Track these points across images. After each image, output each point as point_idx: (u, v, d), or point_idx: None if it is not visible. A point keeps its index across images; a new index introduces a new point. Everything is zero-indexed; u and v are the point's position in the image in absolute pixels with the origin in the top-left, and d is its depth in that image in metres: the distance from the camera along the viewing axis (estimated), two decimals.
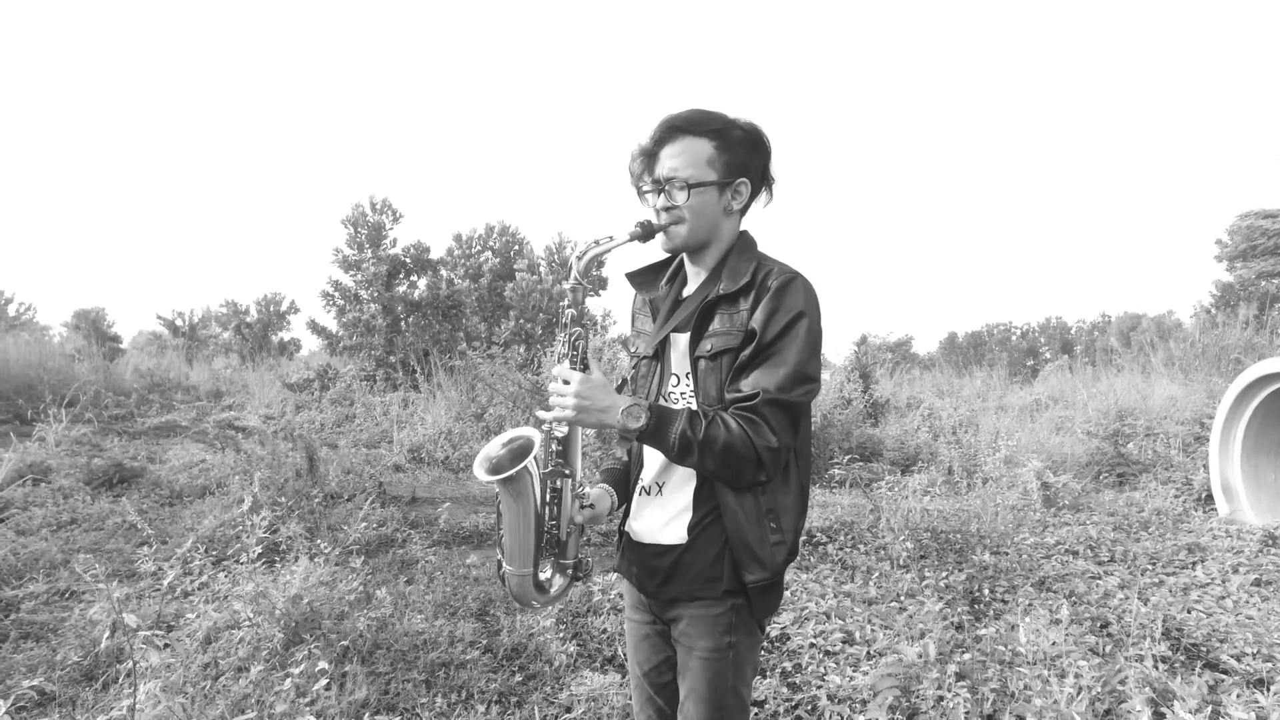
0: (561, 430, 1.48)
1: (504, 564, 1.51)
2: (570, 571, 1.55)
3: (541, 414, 1.49)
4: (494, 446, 1.54)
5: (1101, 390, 12.10)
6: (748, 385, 1.43)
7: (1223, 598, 3.96)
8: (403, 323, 16.11)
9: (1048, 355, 39.56)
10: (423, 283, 16.75)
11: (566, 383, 1.44)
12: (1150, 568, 4.58)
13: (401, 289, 16.62)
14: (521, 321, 13.25)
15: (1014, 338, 43.36)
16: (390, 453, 9.15)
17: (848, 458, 7.03)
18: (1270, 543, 4.98)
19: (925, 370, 21.58)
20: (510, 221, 18.91)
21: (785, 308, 1.43)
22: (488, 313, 17.20)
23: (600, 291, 17.23)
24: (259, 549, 3.17)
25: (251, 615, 2.76)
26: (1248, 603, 3.85)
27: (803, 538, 4.71)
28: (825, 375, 14.16)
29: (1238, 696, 2.35)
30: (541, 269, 16.26)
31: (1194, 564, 4.64)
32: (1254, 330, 13.92)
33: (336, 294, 16.35)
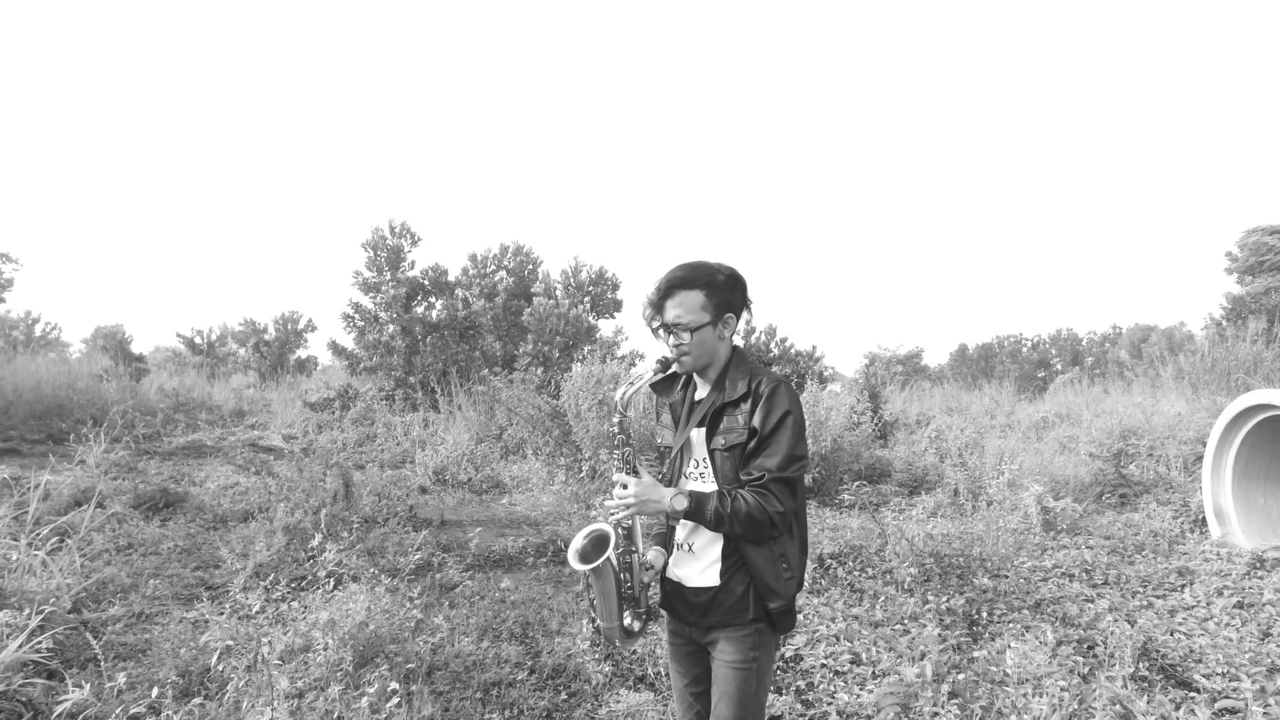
0: (628, 522, 1.98)
1: (597, 619, 2.00)
2: (644, 616, 2.04)
3: (613, 514, 1.96)
4: (579, 540, 2.03)
5: (1107, 409, 12.35)
6: (756, 469, 1.91)
7: (1206, 620, 4.26)
8: (421, 344, 16.53)
9: (1058, 367, 39.65)
10: (440, 304, 17.18)
11: (625, 486, 1.94)
12: (1141, 591, 4.88)
13: (420, 310, 17.06)
14: (539, 344, 13.65)
15: (1025, 349, 43.36)
16: (414, 474, 9.51)
17: (856, 483, 7.33)
18: (1258, 565, 5.26)
19: (935, 384, 21.87)
20: (524, 241, 19.41)
21: (776, 408, 1.92)
22: (503, 332, 17.61)
23: (615, 314, 17.65)
24: (331, 582, 3.52)
25: (329, 641, 3.11)
26: (1228, 625, 4.15)
27: (814, 564, 5.03)
28: (837, 388, 14.54)
29: (1185, 709, 2.66)
30: (558, 293, 16.66)
31: (1183, 587, 4.94)
32: (1263, 344, 14.11)
33: (356, 316, 16.79)
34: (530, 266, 19.03)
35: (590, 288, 17.78)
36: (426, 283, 17.06)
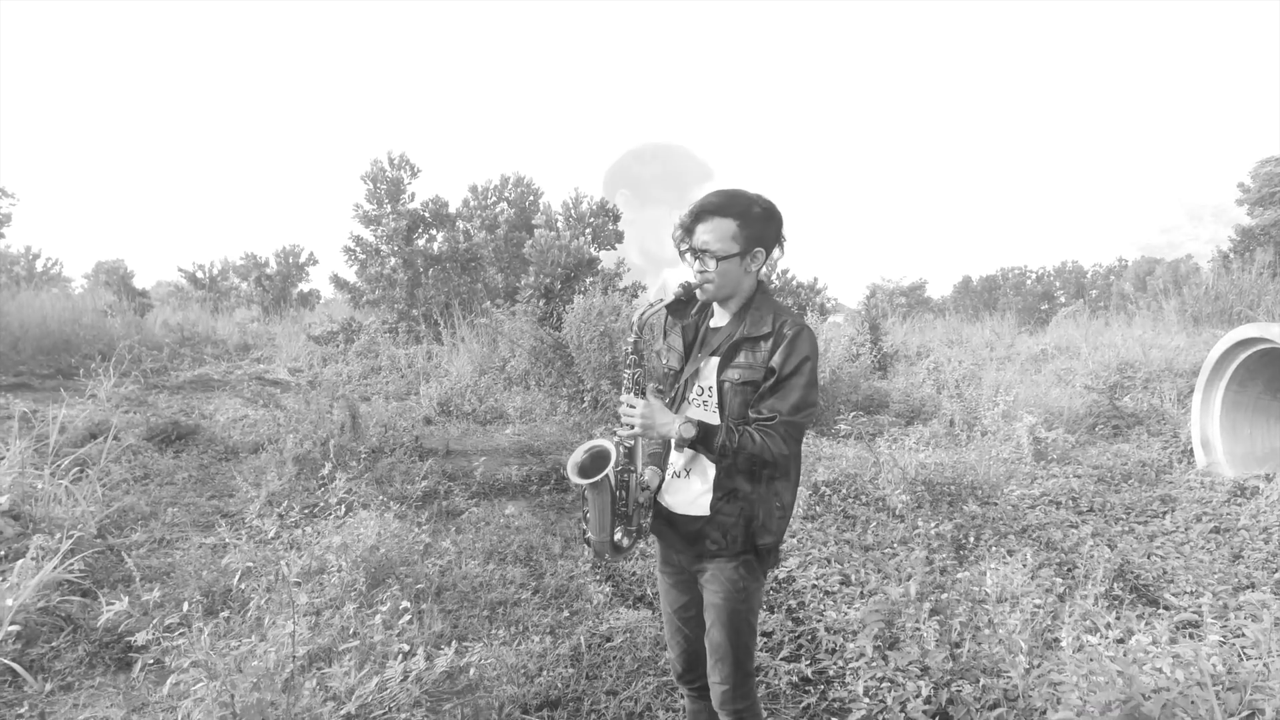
0: (630, 442, 2.00)
1: (589, 532, 2.04)
2: (635, 534, 2.07)
3: (619, 431, 1.98)
4: (579, 454, 2.04)
5: (1106, 342, 12.41)
6: (767, 409, 1.92)
7: (1183, 544, 4.43)
8: (423, 276, 16.50)
9: (1062, 300, 39.51)
10: (441, 236, 17.07)
11: (632, 407, 1.95)
12: (1124, 517, 5.05)
13: (421, 243, 16.97)
14: (541, 276, 13.64)
15: (1029, 282, 43.14)
16: (419, 406, 9.68)
17: (853, 414, 7.46)
18: (1238, 493, 5.42)
19: (938, 316, 21.92)
20: (525, 172, 19.13)
21: (797, 352, 1.92)
22: (504, 264, 17.54)
23: (617, 245, 17.52)
24: (342, 509, 3.68)
25: (342, 563, 3.28)
26: (1203, 548, 4.32)
27: (808, 492, 5.18)
28: (839, 319, 14.61)
29: (1145, 623, 2.85)
30: (559, 224, 16.52)
31: (1164, 514, 5.11)
32: (1269, 277, 14.05)
33: (358, 249, 16.71)
34: (531, 198, 18.82)
35: (591, 219, 17.61)
36: (427, 215, 16.92)
